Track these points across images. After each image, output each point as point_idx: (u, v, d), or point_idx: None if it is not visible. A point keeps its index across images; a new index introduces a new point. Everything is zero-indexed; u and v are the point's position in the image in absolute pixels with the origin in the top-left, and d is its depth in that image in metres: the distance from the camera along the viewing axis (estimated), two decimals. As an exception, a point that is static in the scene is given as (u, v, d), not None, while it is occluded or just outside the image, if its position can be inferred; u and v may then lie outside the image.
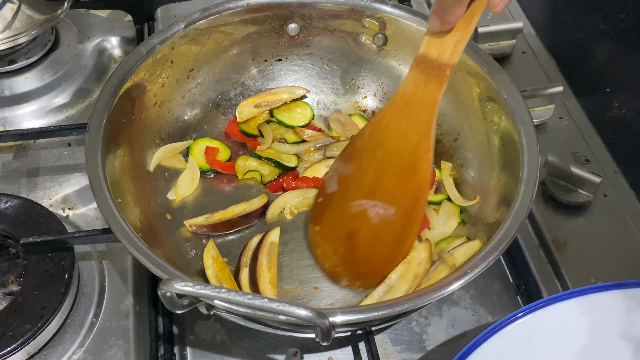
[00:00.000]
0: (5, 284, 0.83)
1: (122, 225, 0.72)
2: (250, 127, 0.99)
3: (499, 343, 0.69)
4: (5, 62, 1.08)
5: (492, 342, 0.69)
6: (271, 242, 0.85)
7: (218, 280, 0.80)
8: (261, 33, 0.99)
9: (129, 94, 0.87)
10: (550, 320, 0.72)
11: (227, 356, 0.80)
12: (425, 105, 0.74)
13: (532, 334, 0.71)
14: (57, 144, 1.02)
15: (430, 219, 0.88)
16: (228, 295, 0.60)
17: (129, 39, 1.18)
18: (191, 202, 0.92)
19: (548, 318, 0.72)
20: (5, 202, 0.86)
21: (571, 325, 0.72)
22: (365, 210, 0.81)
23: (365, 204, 0.81)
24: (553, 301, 0.72)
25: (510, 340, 0.70)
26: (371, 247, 0.81)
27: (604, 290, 0.74)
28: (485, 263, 0.69)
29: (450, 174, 0.92)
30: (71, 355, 0.79)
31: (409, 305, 0.66)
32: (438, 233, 0.87)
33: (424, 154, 0.75)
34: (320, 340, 0.63)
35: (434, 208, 0.89)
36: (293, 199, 0.92)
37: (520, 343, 0.70)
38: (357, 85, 1.03)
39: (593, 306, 0.73)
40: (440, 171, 0.93)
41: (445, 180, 0.91)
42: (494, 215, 0.81)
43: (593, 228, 0.91)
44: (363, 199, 0.81)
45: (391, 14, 0.95)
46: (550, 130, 1.03)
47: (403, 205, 0.78)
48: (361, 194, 0.82)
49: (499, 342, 0.69)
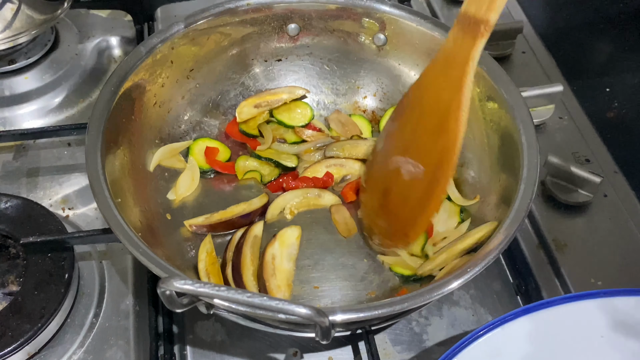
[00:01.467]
0: (5, 284, 0.83)
1: (122, 225, 0.72)
2: (250, 127, 0.99)
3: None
4: (5, 62, 1.08)
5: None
6: (255, 235, 0.86)
7: (207, 274, 0.81)
8: (261, 33, 0.99)
9: (129, 94, 0.87)
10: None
11: (227, 356, 0.80)
12: (459, 62, 0.73)
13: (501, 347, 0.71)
14: (57, 144, 1.02)
15: None
16: (227, 294, 0.60)
17: (129, 39, 1.18)
18: (191, 202, 0.92)
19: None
20: (5, 202, 0.86)
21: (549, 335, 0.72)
22: (399, 167, 0.82)
23: (400, 160, 0.82)
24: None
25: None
26: (399, 206, 0.83)
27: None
28: (485, 262, 0.69)
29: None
30: (71, 355, 0.79)
31: (408, 304, 0.66)
32: (437, 232, 0.87)
33: (454, 111, 0.74)
34: (320, 339, 0.63)
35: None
36: (293, 199, 0.92)
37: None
38: (357, 85, 1.03)
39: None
40: None
41: None
42: (493, 215, 0.81)
43: (593, 228, 0.90)
44: (399, 155, 0.82)
45: (391, 14, 0.96)
46: (550, 130, 1.03)
47: (430, 164, 0.78)
48: (398, 151, 0.83)
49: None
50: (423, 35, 0.94)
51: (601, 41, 1.19)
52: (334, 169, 0.95)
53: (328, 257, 0.87)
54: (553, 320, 0.72)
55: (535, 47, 1.15)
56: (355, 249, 0.88)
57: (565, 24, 1.23)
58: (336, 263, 0.87)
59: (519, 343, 0.71)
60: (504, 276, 0.89)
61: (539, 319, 0.72)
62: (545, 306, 0.73)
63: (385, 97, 1.02)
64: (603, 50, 1.18)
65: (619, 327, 0.72)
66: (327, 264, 0.86)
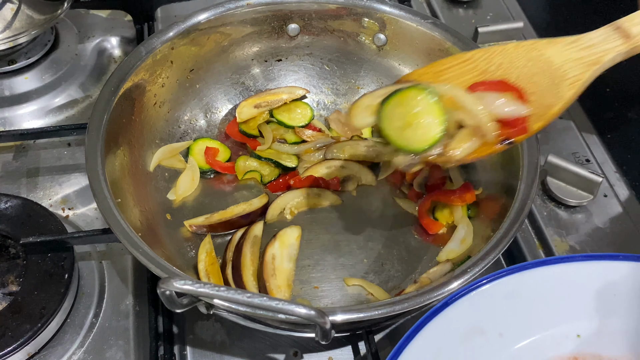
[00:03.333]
0: (5, 284, 0.83)
1: (122, 225, 0.72)
2: (250, 127, 0.99)
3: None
4: (5, 62, 1.08)
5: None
6: (255, 235, 0.86)
7: (207, 275, 0.81)
8: (261, 33, 0.99)
9: (129, 94, 0.87)
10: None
11: (227, 356, 0.80)
12: (597, 54, 0.74)
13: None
14: (57, 144, 1.02)
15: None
16: (227, 294, 0.60)
17: (129, 39, 1.18)
18: (191, 202, 0.92)
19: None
20: (5, 202, 0.86)
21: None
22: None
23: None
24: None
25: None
26: None
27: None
28: (485, 263, 0.69)
29: None
30: (71, 355, 0.79)
31: (408, 304, 0.66)
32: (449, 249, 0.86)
33: (572, 83, 0.73)
34: (320, 339, 0.63)
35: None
36: (293, 199, 0.92)
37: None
38: (357, 85, 1.03)
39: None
40: None
41: None
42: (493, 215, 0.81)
43: (593, 228, 0.90)
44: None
45: (391, 14, 0.96)
46: (550, 130, 1.02)
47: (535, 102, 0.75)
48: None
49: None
50: (423, 35, 0.94)
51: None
52: (335, 170, 0.95)
53: (328, 257, 0.87)
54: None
55: (535, 47, 1.15)
56: (355, 249, 0.88)
57: (565, 24, 1.23)
58: (336, 263, 0.87)
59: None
60: (504, 276, 0.89)
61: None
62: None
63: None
64: (603, 50, 1.18)
65: None
66: (327, 264, 0.86)
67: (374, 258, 0.87)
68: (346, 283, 0.84)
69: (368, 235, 0.89)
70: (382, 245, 0.88)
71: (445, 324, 0.68)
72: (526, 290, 0.71)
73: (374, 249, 0.88)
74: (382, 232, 0.90)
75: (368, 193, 0.95)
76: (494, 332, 0.69)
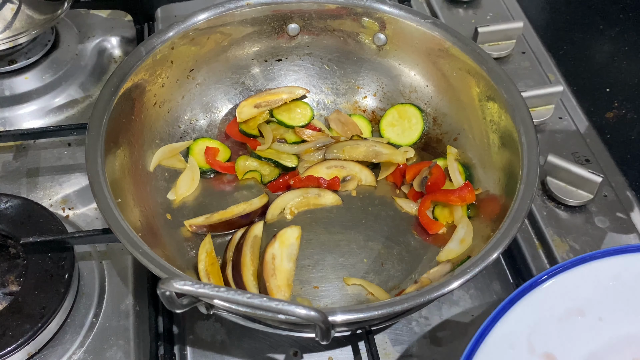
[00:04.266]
0: (5, 284, 0.83)
1: (122, 225, 0.72)
2: (250, 127, 0.99)
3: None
4: (5, 62, 1.08)
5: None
6: (255, 235, 0.86)
7: (207, 275, 0.81)
8: (261, 33, 0.99)
9: (129, 94, 0.87)
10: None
11: (227, 356, 0.80)
12: None
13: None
14: (57, 144, 1.02)
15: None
16: (227, 294, 0.60)
17: (129, 39, 1.18)
18: (191, 202, 0.92)
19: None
20: (5, 202, 0.86)
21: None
22: None
23: None
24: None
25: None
26: None
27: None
28: (485, 263, 0.69)
29: (456, 158, 0.92)
30: (71, 355, 0.79)
31: (408, 304, 0.66)
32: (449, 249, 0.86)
33: None
34: (319, 339, 0.63)
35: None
36: (293, 199, 0.92)
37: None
38: (357, 85, 1.03)
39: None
40: (445, 159, 0.93)
41: (450, 165, 0.91)
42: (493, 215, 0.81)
43: (593, 228, 0.91)
44: None
45: (391, 14, 0.96)
46: (550, 130, 1.03)
47: None
48: None
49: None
50: (423, 35, 0.94)
51: (601, 41, 1.19)
52: (335, 170, 0.95)
53: (328, 257, 0.87)
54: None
55: (535, 47, 1.16)
56: (355, 249, 0.88)
57: (565, 24, 1.23)
58: (336, 263, 0.87)
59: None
60: (504, 276, 0.89)
61: None
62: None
63: (386, 97, 1.02)
64: (603, 50, 1.18)
65: None
66: (327, 264, 0.86)
67: (374, 258, 0.87)
68: (346, 283, 0.84)
69: (368, 235, 0.89)
70: (382, 245, 0.88)
71: (547, 297, 0.66)
72: (632, 275, 0.69)
73: (374, 249, 0.88)
74: (382, 232, 0.90)
75: (368, 193, 0.95)
76: (593, 315, 0.67)
